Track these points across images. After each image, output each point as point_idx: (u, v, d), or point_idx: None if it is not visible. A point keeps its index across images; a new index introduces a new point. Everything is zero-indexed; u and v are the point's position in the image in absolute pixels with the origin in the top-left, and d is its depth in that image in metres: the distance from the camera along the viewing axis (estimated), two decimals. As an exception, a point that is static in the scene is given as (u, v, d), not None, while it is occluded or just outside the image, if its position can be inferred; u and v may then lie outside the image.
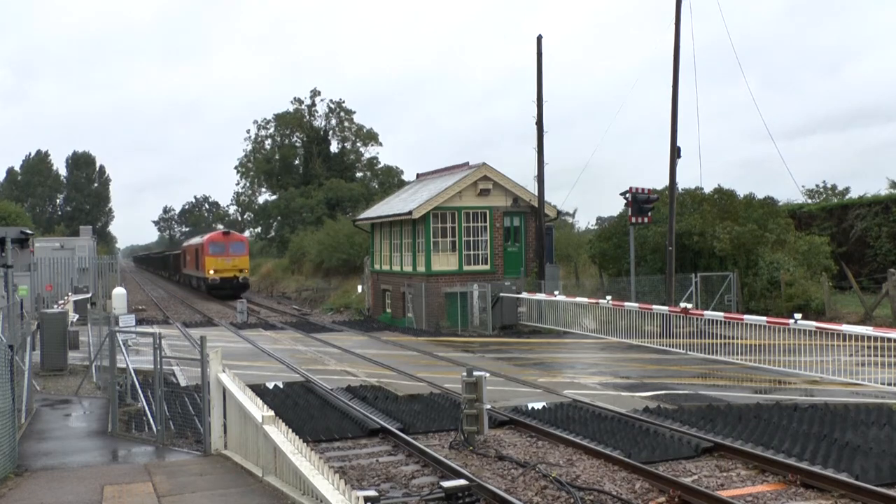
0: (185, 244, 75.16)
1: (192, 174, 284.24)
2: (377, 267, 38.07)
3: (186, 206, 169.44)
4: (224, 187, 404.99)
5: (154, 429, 12.29)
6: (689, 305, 23.94)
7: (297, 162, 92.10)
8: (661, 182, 59.22)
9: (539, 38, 31.23)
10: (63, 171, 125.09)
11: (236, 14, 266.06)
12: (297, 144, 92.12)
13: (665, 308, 23.23)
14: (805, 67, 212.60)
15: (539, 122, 31.45)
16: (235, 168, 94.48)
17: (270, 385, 17.38)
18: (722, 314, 21.60)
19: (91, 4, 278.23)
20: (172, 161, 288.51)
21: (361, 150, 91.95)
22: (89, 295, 34.99)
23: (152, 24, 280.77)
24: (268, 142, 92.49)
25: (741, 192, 34.10)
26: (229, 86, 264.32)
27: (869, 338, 17.52)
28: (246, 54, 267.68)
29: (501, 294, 29.63)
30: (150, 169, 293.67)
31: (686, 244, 30.45)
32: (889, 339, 16.85)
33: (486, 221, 32.40)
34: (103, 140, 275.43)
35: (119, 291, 33.91)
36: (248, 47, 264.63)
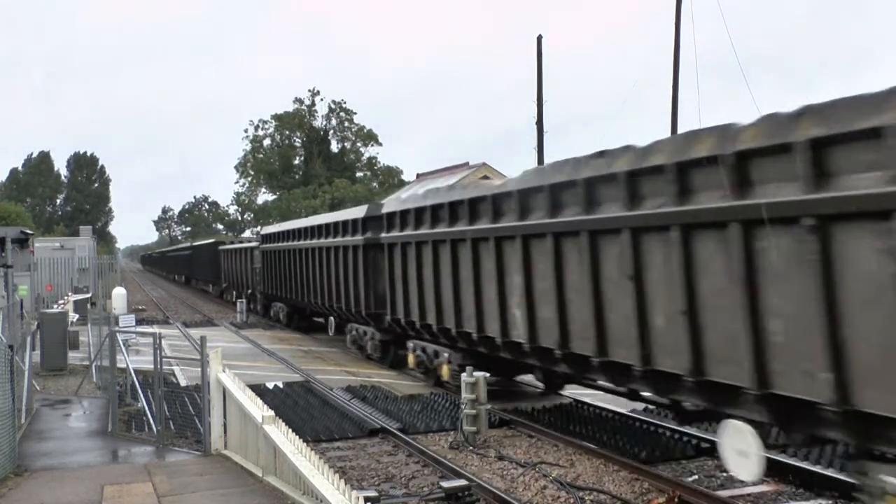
0: None
1: (196, 175, 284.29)
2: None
3: (186, 206, 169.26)
4: (226, 187, 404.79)
5: (154, 429, 12.28)
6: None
7: (296, 162, 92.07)
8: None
9: (539, 39, 31.25)
10: (64, 172, 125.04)
11: (252, 17, 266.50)
12: (297, 144, 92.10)
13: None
14: (824, 68, 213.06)
15: (539, 122, 31.48)
16: (235, 167, 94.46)
17: (270, 385, 17.38)
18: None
19: (112, 9, 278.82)
20: (176, 162, 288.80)
21: (361, 150, 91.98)
22: (89, 295, 34.96)
23: (167, 27, 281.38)
24: (266, 141, 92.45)
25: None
26: (242, 88, 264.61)
27: None
28: (262, 57, 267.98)
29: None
30: (153, 170, 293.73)
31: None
32: None
33: (486, 221, 32.34)
34: (106, 140, 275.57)
35: (119, 291, 33.90)
36: (264, 50, 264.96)
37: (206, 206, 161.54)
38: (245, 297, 37.79)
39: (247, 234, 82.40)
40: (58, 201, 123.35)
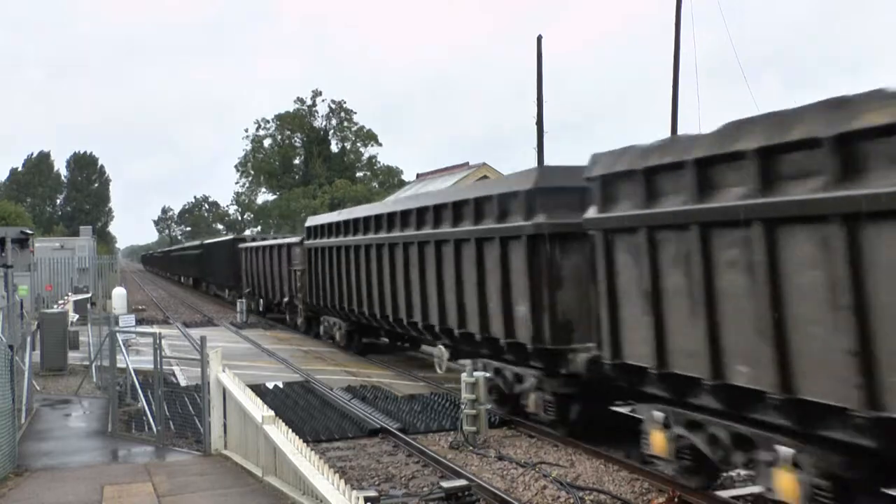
0: None
1: (196, 175, 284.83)
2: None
3: (186, 206, 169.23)
4: (226, 188, 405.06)
5: (154, 429, 12.28)
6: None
7: (296, 162, 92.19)
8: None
9: (539, 39, 31.24)
10: (64, 172, 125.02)
11: (253, 18, 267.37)
12: (297, 144, 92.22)
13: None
14: (828, 66, 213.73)
15: (539, 122, 31.46)
16: (236, 167, 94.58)
17: (270, 385, 17.38)
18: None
19: (112, 10, 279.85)
20: (176, 162, 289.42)
21: (361, 150, 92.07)
22: (89, 295, 34.98)
23: (168, 27, 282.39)
24: (267, 141, 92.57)
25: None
26: (242, 88, 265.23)
27: None
28: (262, 58, 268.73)
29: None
30: (153, 170, 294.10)
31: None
32: None
33: (486, 221, 32.13)
34: (106, 140, 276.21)
35: (119, 291, 33.92)
36: (265, 51, 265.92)
37: (206, 207, 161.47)
38: (279, 307, 31.84)
39: (247, 233, 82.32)
40: (58, 201, 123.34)
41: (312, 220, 26.57)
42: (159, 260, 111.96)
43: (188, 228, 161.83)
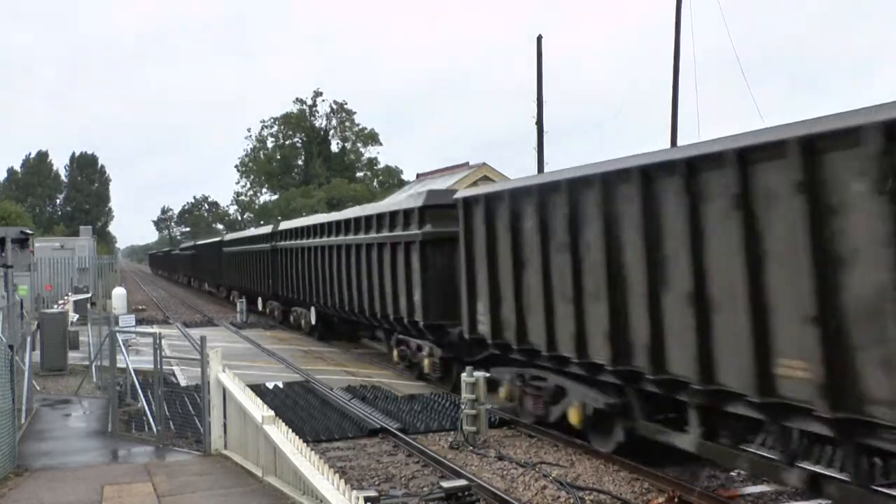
0: None
1: (196, 175, 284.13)
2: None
3: (186, 206, 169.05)
4: (226, 188, 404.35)
5: (154, 429, 12.29)
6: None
7: (297, 162, 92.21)
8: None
9: (539, 39, 31.25)
10: (63, 172, 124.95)
11: (254, 18, 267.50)
12: (298, 145, 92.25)
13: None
14: (835, 70, 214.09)
15: (539, 123, 31.47)
16: (236, 167, 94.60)
17: (270, 385, 17.38)
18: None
19: (111, 10, 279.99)
20: (176, 162, 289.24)
21: (361, 150, 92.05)
22: (89, 295, 34.96)
23: (168, 28, 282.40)
24: (269, 140, 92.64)
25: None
26: (243, 89, 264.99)
27: None
28: (263, 58, 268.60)
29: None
30: (153, 170, 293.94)
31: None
32: None
33: (485, 221, 32.08)
34: (106, 140, 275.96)
35: (119, 291, 33.93)
36: (266, 51, 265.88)
37: (206, 207, 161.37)
38: None
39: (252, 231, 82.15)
40: (58, 201, 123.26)
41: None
42: (179, 261, 75.63)
43: (187, 229, 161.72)
